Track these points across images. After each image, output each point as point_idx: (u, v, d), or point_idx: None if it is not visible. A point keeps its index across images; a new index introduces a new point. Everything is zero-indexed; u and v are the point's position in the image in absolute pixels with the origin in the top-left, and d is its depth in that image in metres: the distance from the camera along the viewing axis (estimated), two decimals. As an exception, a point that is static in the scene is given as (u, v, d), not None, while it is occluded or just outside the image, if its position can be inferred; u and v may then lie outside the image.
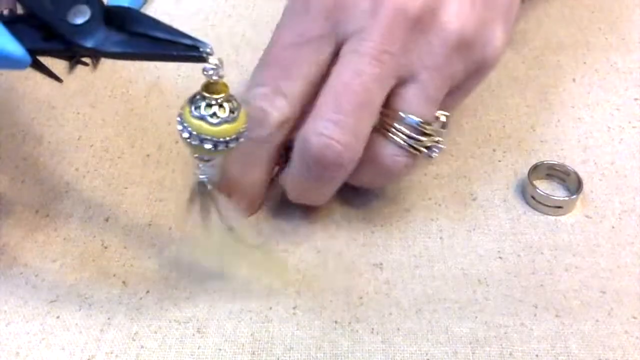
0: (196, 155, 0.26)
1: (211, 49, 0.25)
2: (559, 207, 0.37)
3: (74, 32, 0.25)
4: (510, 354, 0.31)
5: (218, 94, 0.26)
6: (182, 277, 0.34)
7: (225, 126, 0.25)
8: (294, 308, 0.33)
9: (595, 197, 0.38)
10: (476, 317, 0.32)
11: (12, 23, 0.26)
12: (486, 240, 0.36)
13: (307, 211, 0.38)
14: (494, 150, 0.41)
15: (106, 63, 0.47)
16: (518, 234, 0.37)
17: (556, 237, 0.36)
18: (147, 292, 0.34)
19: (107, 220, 0.38)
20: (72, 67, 0.47)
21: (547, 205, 0.37)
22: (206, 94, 0.26)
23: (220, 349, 0.31)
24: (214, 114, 0.25)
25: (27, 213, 0.38)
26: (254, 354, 0.31)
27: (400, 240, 0.36)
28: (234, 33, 0.49)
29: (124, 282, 0.35)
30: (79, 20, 0.25)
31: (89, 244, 0.36)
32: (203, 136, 0.25)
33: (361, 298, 0.34)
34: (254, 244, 0.34)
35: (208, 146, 0.25)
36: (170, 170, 0.40)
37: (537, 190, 0.37)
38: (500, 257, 0.36)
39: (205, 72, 0.25)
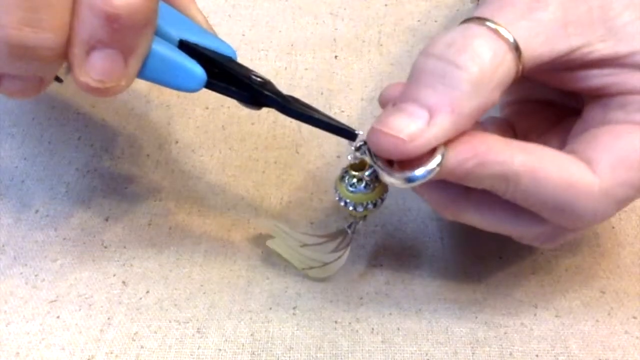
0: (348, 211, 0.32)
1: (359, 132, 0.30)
2: None
3: (257, 84, 0.30)
4: (510, 354, 0.31)
5: (361, 170, 0.31)
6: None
7: (360, 195, 0.31)
8: (294, 308, 0.33)
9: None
10: (476, 317, 0.32)
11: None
12: (486, 240, 0.36)
13: (306, 213, 0.38)
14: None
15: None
16: (518, 234, 0.37)
17: (556, 237, 0.36)
18: (147, 292, 0.34)
19: (107, 220, 0.38)
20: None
21: None
22: (353, 172, 0.31)
23: (220, 349, 0.31)
24: (354, 184, 0.31)
25: (27, 213, 0.38)
26: (254, 354, 0.31)
27: (400, 241, 0.36)
28: (234, 33, 0.49)
29: (124, 282, 0.35)
30: (261, 79, 0.31)
31: (89, 244, 0.36)
32: (346, 199, 0.32)
33: (361, 298, 0.34)
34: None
35: (350, 207, 0.32)
36: (170, 170, 0.40)
37: None
38: (500, 257, 0.36)
39: (354, 154, 0.30)
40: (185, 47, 0.31)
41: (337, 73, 0.46)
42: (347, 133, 0.30)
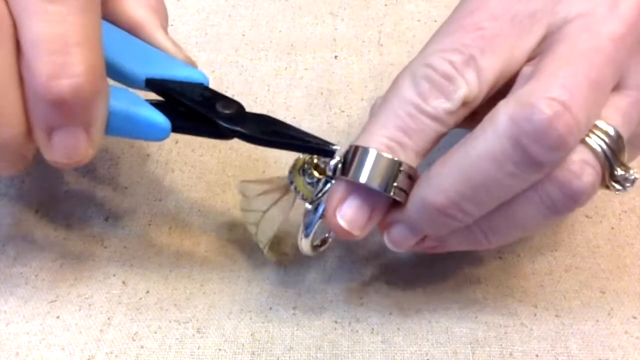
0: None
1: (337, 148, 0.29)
2: None
3: (223, 118, 0.30)
4: (510, 354, 0.31)
5: (319, 174, 0.31)
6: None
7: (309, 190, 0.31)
8: (294, 308, 0.33)
9: (595, 197, 0.38)
10: (476, 317, 0.32)
11: (158, 106, 0.30)
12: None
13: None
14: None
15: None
16: (518, 234, 0.37)
17: (556, 237, 0.36)
18: (147, 292, 0.34)
19: (107, 220, 0.38)
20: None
21: None
22: (313, 171, 0.31)
23: (220, 349, 0.31)
24: (312, 184, 0.31)
25: (27, 213, 0.38)
26: (254, 354, 0.31)
27: (400, 240, 0.36)
28: (234, 33, 0.49)
29: (124, 282, 0.35)
30: (227, 112, 0.30)
31: (89, 244, 0.36)
32: (299, 189, 0.31)
33: (361, 298, 0.34)
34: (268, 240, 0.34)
35: (299, 196, 0.32)
36: (170, 170, 0.40)
37: None
38: (500, 257, 0.36)
39: (325, 164, 0.30)
40: (153, 84, 0.31)
41: (337, 73, 0.46)
42: (323, 151, 0.30)
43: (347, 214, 0.28)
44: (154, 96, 0.31)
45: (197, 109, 0.30)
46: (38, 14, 0.25)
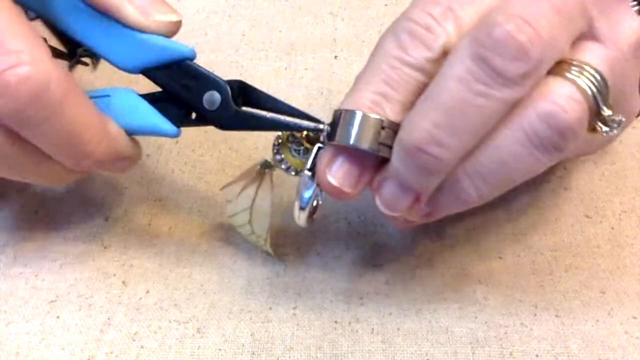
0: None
1: (325, 124, 0.30)
2: None
3: (210, 116, 0.32)
4: (510, 354, 0.31)
5: (308, 143, 0.32)
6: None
7: (299, 161, 0.32)
8: (294, 308, 0.33)
9: (595, 197, 0.38)
10: (476, 317, 0.32)
11: (157, 101, 0.32)
12: (486, 241, 0.36)
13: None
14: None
15: (106, 63, 0.47)
16: (518, 234, 0.37)
17: (556, 237, 0.36)
18: (147, 292, 0.34)
19: (107, 220, 0.38)
20: (72, 67, 0.47)
21: None
22: (302, 140, 0.32)
23: (220, 349, 0.31)
24: (299, 151, 0.32)
25: (27, 213, 0.38)
26: (254, 354, 0.31)
27: (400, 240, 0.36)
28: (234, 33, 0.49)
29: (123, 282, 0.35)
30: (212, 107, 0.31)
31: (89, 244, 0.36)
32: (285, 160, 0.33)
33: (361, 298, 0.34)
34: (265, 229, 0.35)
35: (283, 166, 0.33)
36: (170, 170, 0.40)
37: None
38: (500, 257, 0.36)
39: (314, 133, 0.31)
40: (145, 75, 0.32)
41: (337, 73, 0.46)
42: (313, 128, 0.30)
43: (338, 173, 0.29)
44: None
45: (189, 105, 0.32)
46: None
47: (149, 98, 0.32)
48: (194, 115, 0.32)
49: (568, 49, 0.27)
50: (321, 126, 0.30)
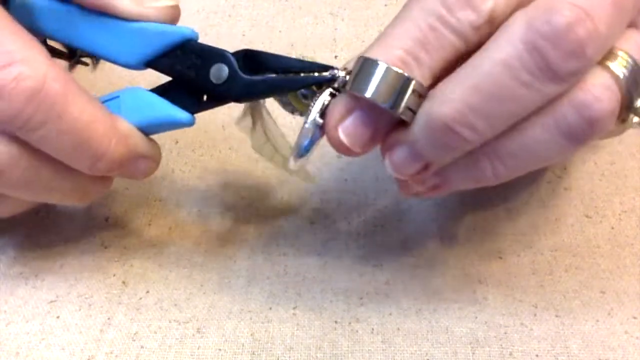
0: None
1: (338, 69, 0.28)
2: None
3: (220, 91, 0.31)
4: (510, 354, 0.31)
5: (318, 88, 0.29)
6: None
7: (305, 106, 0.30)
8: (294, 308, 0.33)
9: (595, 197, 0.38)
10: (476, 317, 0.32)
11: (165, 93, 0.32)
12: (486, 240, 0.36)
13: (307, 213, 0.38)
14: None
15: (106, 63, 0.47)
16: (518, 234, 0.37)
17: (556, 237, 0.36)
18: (147, 292, 0.34)
19: (107, 220, 0.38)
20: (72, 67, 0.47)
21: None
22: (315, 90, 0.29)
23: (220, 349, 0.31)
24: (306, 96, 0.30)
25: (27, 213, 0.38)
26: (254, 354, 0.31)
27: (400, 241, 0.36)
28: (234, 33, 0.49)
29: (123, 282, 0.35)
30: (220, 80, 0.31)
31: (89, 244, 0.36)
32: (292, 103, 0.31)
33: (361, 298, 0.34)
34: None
35: (289, 108, 0.31)
36: (170, 170, 0.40)
37: None
38: (500, 257, 0.36)
39: (334, 79, 0.28)
40: (150, 66, 0.32)
41: (337, 73, 0.46)
42: (329, 78, 0.28)
43: (349, 129, 0.27)
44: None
45: (199, 87, 0.31)
46: None
47: (158, 91, 0.32)
48: (205, 97, 0.31)
49: None
50: (336, 72, 0.28)
